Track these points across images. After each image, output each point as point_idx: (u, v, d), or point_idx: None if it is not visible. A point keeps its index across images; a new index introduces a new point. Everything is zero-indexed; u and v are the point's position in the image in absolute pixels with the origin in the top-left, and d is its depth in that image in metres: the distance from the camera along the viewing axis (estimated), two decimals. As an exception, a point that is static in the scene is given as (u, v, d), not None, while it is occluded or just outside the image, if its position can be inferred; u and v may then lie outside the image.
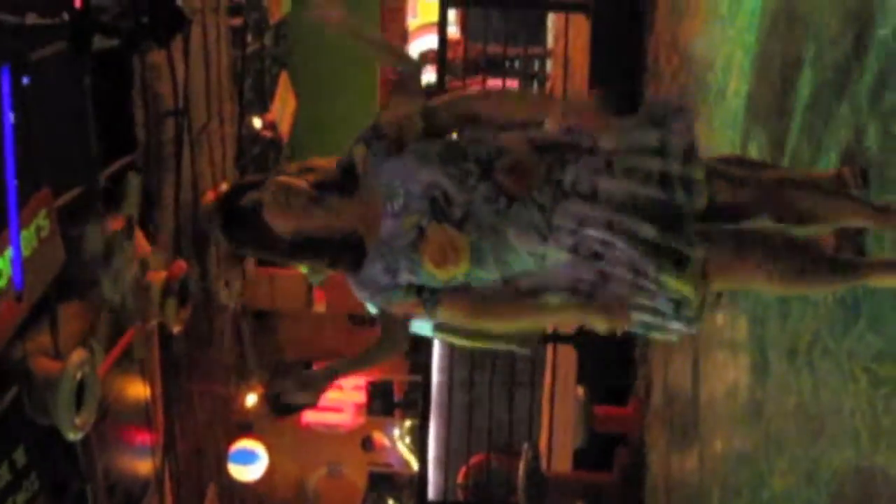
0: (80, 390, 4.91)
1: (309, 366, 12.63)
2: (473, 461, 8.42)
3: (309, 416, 13.30)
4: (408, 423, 13.80)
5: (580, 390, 6.34)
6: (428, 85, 11.63)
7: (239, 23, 9.75)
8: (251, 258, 8.87)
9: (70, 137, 5.45)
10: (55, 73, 5.01)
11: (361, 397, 13.63)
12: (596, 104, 2.61)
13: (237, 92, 10.08)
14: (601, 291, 2.47)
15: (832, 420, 2.99)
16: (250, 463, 10.78)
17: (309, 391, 2.98)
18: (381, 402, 13.80)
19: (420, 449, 8.54)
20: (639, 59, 6.75)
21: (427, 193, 2.47)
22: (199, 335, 8.52)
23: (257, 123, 10.96)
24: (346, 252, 2.54)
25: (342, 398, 13.56)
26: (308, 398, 3.01)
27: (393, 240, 2.49)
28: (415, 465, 12.21)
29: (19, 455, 4.78)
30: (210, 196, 8.13)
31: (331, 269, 2.61)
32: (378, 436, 13.89)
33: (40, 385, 4.80)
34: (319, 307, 11.06)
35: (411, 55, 2.79)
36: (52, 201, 4.86)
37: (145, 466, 7.10)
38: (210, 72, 8.66)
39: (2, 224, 4.29)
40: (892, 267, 2.61)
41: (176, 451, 7.83)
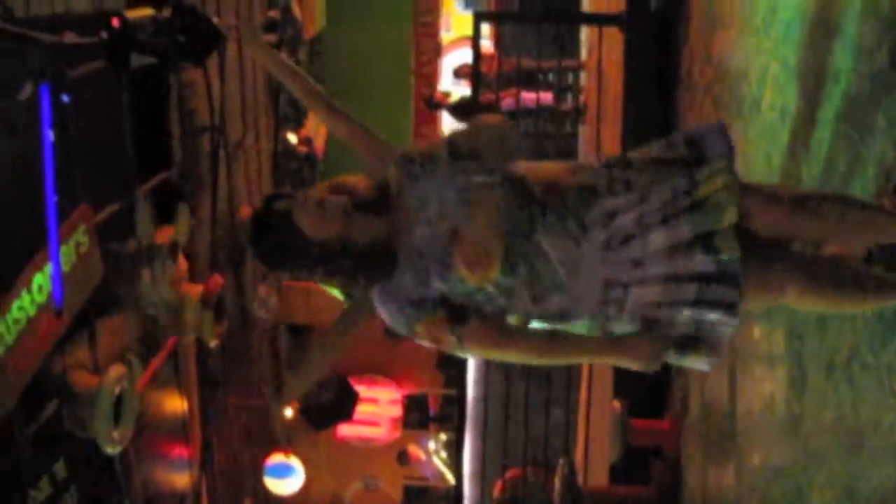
0: (119, 404, 4.97)
1: (344, 380, 12.68)
2: (509, 475, 8.39)
3: (345, 430, 13.33)
4: (443, 437, 13.78)
5: (616, 404, 6.31)
6: (462, 98, 11.66)
7: (274, 39, 9.82)
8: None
9: (108, 154, 5.52)
10: (94, 91, 5.08)
11: (397, 411, 13.64)
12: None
13: (272, 107, 10.16)
14: (632, 300, 2.46)
15: (872, 435, 2.96)
16: (286, 476, 10.81)
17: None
18: (417, 416, 13.80)
19: (456, 463, 8.54)
20: (673, 72, 6.73)
21: (462, 197, 2.47)
22: (236, 350, 8.58)
23: (292, 139, 11.04)
24: (377, 264, 2.50)
25: (378, 412, 13.58)
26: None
27: (426, 246, 2.47)
28: (451, 479, 12.20)
29: (59, 468, 4.83)
30: (245, 211, 8.19)
31: (362, 288, 2.56)
32: (414, 449, 13.88)
33: (79, 399, 4.85)
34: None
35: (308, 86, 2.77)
36: (92, 217, 4.92)
37: (182, 480, 7.15)
38: (245, 88, 8.74)
39: (42, 240, 4.34)
40: None
41: (213, 465, 7.88)
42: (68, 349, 4.92)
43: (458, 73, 11.92)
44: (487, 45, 12.00)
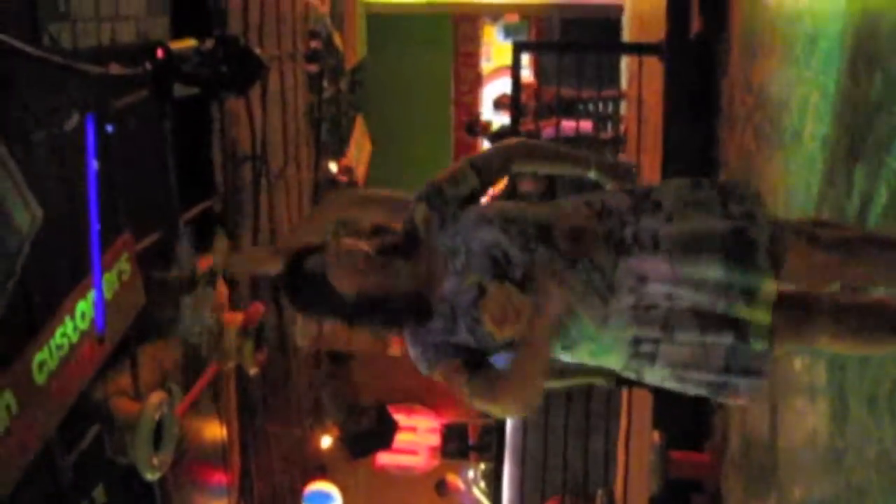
0: (159, 431, 5.00)
1: (383, 408, 12.68)
2: (548, 505, 8.35)
3: (383, 459, 13.32)
4: (482, 466, 13.72)
5: (656, 435, 6.26)
6: (502, 127, 11.68)
7: (315, 69, 9.92)
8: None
9: (151, 183, 5.59)
10: (137, 121, 5.15)
11: (436, 440, 13.61)
12: (626, 168, 2.64)
13: (314, 137, 10.23)
14: (662, 356, 2.45)
15: (915, 470, 2.92)
16: (325, 505, 10.81)
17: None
18: (456, 445, 13.76)
19: (494, 493, 8.50)
20: (713, 101, 6.71)
21: (488, 252, 2.47)
22: (275, 377, 8.61)
23: (333, 168, 11.11)
24: (411, 311, 2.52)
25: (417, 440, 13.56)
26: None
27: (454, 297, 2.48)
28: (489, 509, 12.13)
29: (99, 494, 4.87)
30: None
31: (394, 334, 2.59)
32: (452, 478, 13.82)
33: (120, 425, 4.89)
34: (395, 350, 11.12)
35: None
36: (134, 245, 4.98)
37: (221, 507, 7.16)
38: (287, 117, 8.82)
39: (85, 267, 4.40)
40: None
41: (252, 492, 7.89)
42: (110, 376, 4.96)
43: (498, 104, 11.95)
44: (527, 75, 12.04)
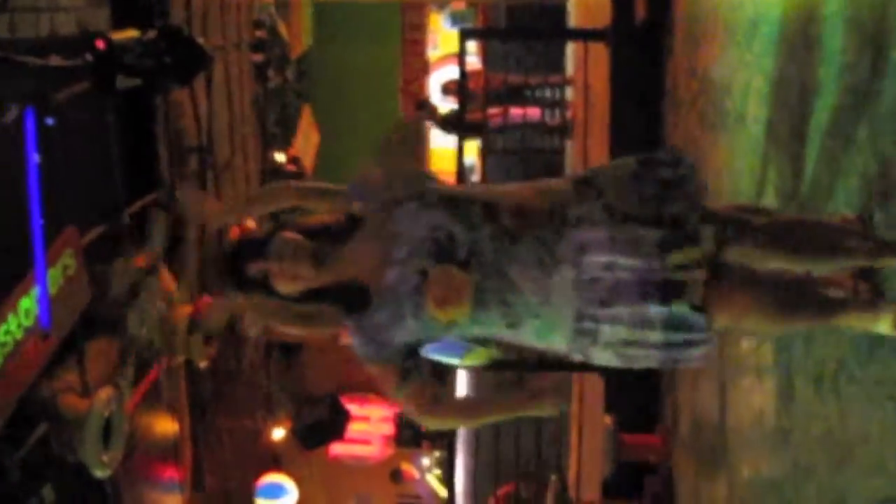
0: (108, 427, 4.94)
1: (336, 398, 12.65)
2: (502, 491, 8.37)
3: (337, 449, 13.30)
4: (436, 454, 13.75)
5: (607, 419, 6.31)
6: (450, 112, 11.66)
7: (261, 58, 9.84)
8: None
9: (95, 176, 5.51)
10: (79, 114, 5.07)
11: (389, 429, 13.61)
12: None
13: (260, 127, 10.16)
14: (603, 335, 2.48)
15: (860, 448, 2.96)
16: (278, 497, 10.78)
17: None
18: (410, 434, 13.77)
19: (448, 480, 8.52)
20: (658, 86, 6.76)
21: (431, 235, 2.47)
22: (226, 370, 8.55)
23: (281, 158, 11.04)
24: (350, 299, 2.54)
25: (370, 430, 13.56)
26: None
27: (398, 286, 2.49)
28: (444, 497, 12.17)
29: (48, 492, 4.81)
30: (235, 232, 8.16)
31: (337, 324, 2.61)
32: (407, 467, 13.85)
33: (68, 423, 4.83)
34: (346, 339, 11.06)
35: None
36: (78, 240, 4.91)
37: (173, 502, 7.11)
38: (233, 107, 8.74)
39: (29, 263, 4.34)
40: (867, 307, 2.60)
41: (204, 487, 7.84)
42: (57, 373, 4.90)
43: (446, 90, 11.93)
44: (475, 62, 12.03)
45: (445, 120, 11.49)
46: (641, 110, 6.87)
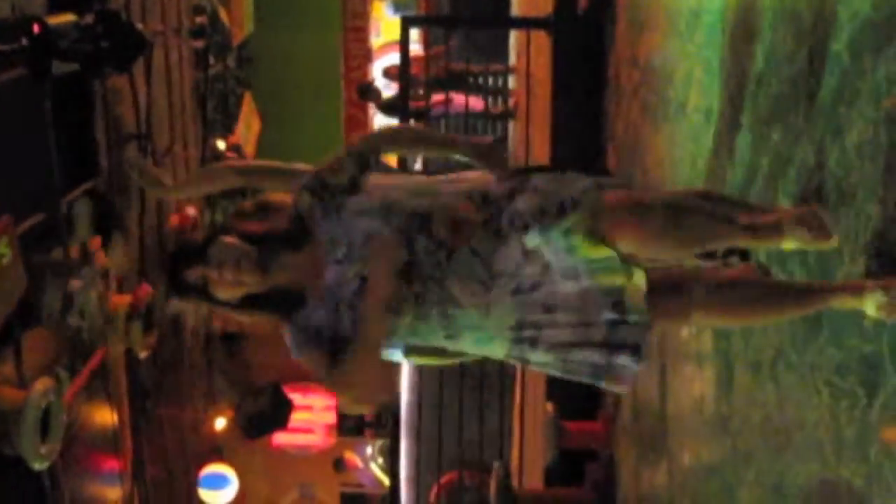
0: (46, 419, 4.86)
1: (278, 388, 12.58)
2: (445, 480, 8.40)
3: (280, 438, 13.23)
4: (379, 443, 13.74)
5: (549, 407, 6.35)
6: (392, 97, 11.64)
7: (201, 45, 9.72)
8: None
9: (31, 163, 5.40)
10: (14, 99, 4.97)
11: (332, 418, 13.57)
12: (494, 148, 2.66)
13: (200, 114, 10.04)
14: (545, 339, 2.48)
15: (797, 433, 3.01)
16: (221, 487, 10.70)
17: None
18: (352, 422, 13.75)
19: (391, 469, 8.52)
20: (600, 75, 6.79)
21: (368, 244, 2.46)
22: (167, 359, 8.46)
23: (221, 145, 10.92)
24: (286, 304, 2.52)
25: (313, 419, 13.50)
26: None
27: (336, 287, 2.48)
28: (387, 485, 12.17)
29: (-17, 486, 4.72)
30: (174, 220, 8.08)
31: (281, 320, 2.59)
32: (350, 456, 13.82)
33: (4, 414, 4.74)
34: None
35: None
36: (14, 228, 4.81)
37: (114, 493, 7.03)
38: (173, 94, 8.63)
39: (-38, 253, 4.25)
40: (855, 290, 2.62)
41: (145, 478, 7.76)
42: (-8, 364, 4.81)
43: (388, 74, 11.90)
44: (418, 50, 12.01)
45: (388, 104, 11.47)
46: (583, 99, 6.91)
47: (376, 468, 13.86)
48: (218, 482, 10.65)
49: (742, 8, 3.81)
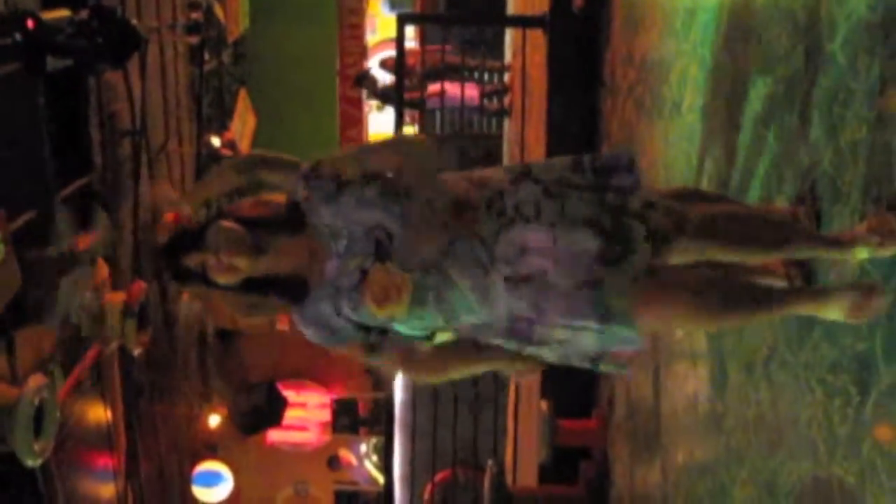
0: (39, 416, 4.86)
1: (273, 385, 12.59)
2: (439, 477, 8.40)
3: (274, 436, 13.23)
4: (374, 441, 13.74)
5: (543, 404, 6.34)
6: (386, 87, 11.64)
7: (196, 41, 9.70)
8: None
9: (25, 159, 5.40)
10: (7, 95, 4.96)
11: (326, 415, 13.57)
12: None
13: (195, 110, 10.03)
14: (537, 336, 2.47)
15: (790, 431, 3.02)
16: (215, 485, 10.71)
17: None
18: (347, 420, 13.74)
19: (385, 466, 8.51)
20: (596, 74, 6.79)
21: (370, 235, 2.46)
22: (161, 357, 8.46)
23: (216, 142, 10.91)
24: (290, 289, 2.52)
25: (307, 416, 13.50)
26: None
27: (338, 280, 2.48)
28: (381, 483, 12.16)
29: (-23, 483, 4.72)
30: (170, 216, 8.06)
31: (282, 310, 2.59)
32: (344, 454, 13.82)
33: (-3, 411, 4.74)
34: (282, 325, 11.03)
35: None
36: (7, 224, 4.81)
37: (108, 491, 7.03)
38: (168, 91, 8.62)
39: (-45, 249, 4.24)
40: (814, 295, 2.61)
41: (139, 475, 7.76)
42: (-15, 360, 4.81)
43: (385, 65, 11.89)
44: (413, 46, 11.99)
45: (384, 92, 11.47)
46: (579, 98, 6.90)
47: (370, 466, 13.86)
48: (212, 479, 10.67)
49: (738, 7, 3.81)
